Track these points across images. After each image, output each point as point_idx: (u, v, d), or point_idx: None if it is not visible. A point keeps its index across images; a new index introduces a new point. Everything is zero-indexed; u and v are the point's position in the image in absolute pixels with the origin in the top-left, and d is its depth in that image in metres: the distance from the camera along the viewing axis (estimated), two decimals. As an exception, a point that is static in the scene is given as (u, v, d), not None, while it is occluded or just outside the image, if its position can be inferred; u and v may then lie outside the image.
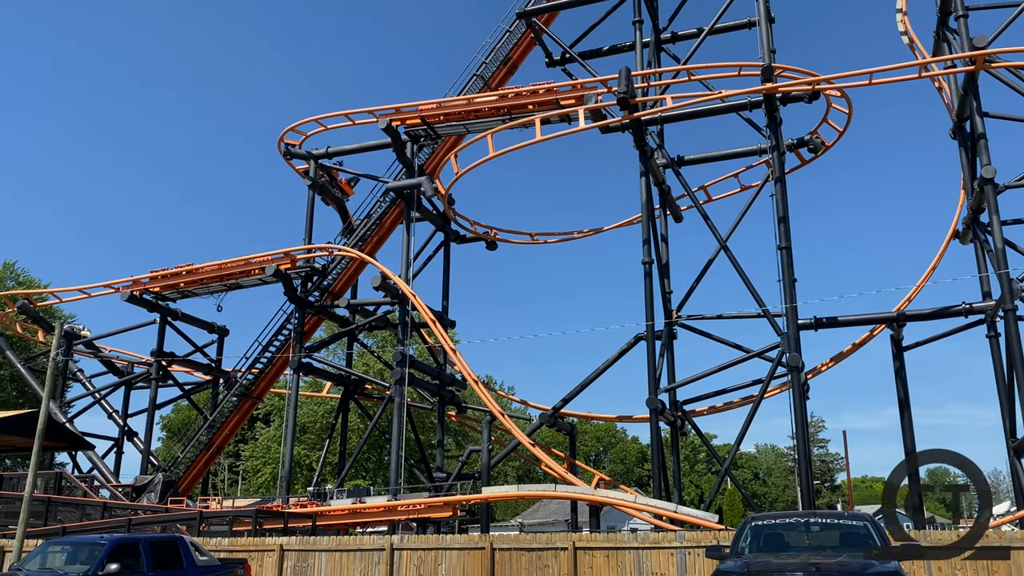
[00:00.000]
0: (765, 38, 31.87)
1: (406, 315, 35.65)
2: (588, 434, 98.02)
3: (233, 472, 78.50)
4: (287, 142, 40.63)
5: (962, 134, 32.91)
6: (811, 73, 31.24)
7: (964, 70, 28.85)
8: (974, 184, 30.06)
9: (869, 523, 11.25)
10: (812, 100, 32.71)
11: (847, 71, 30.42)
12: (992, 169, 27.33)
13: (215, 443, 40.83)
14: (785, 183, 30.72)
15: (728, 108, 33.23)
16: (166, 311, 42.22)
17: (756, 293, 30.22)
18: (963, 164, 33.53)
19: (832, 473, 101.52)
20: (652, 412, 29.98)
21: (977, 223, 31.49)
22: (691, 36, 38.65)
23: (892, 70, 29.58)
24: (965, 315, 30.84)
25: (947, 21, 33.33)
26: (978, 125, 28.42)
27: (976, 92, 28.74)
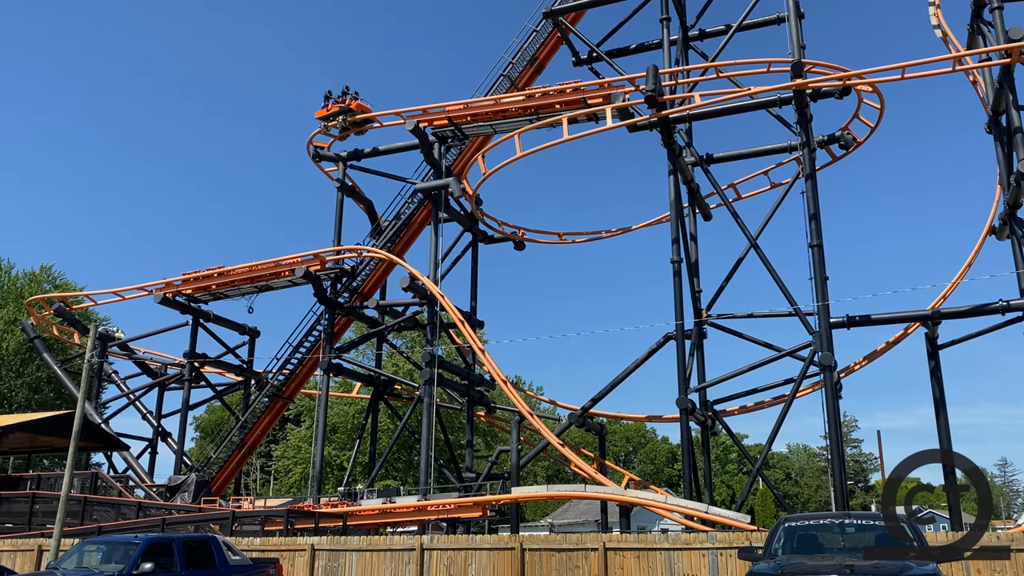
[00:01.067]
0: (795, 33, 31.50)
1: (435, 316, 35.75)
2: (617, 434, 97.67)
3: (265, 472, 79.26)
4: (316, 144, 40.93)
5: (998, 128, 32.27)
6: (842, 68, 30.83)
7: (999, 63, 28.30)
8: (1010, 179, 29.46)
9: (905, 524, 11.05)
10: (843, 96, 32.25)
11: (878, 66, 29.96)
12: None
13: (247, 443, 41.23)
14: (816, 180, 30.36)
15: (757, 105, 32.90)
16: (198, 313, 42.70)
17: (787, 291, 29.90)
18: (999, 159, 32.86)
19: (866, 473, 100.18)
20: (682, 412, 29.76)
21: (1014, 219, 30.83)
22: (719, 33, 38.32)
23: (925, 64, 29.11)
24: (1002, 313, 30.19)
25: (981, 13, 32.70)
26: (1014, 119, 27.86)
27: (1012, 85, 28.18)
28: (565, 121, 32.72)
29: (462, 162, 39.83)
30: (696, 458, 34.48)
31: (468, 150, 39.85)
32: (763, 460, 30.64)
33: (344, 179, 40.60)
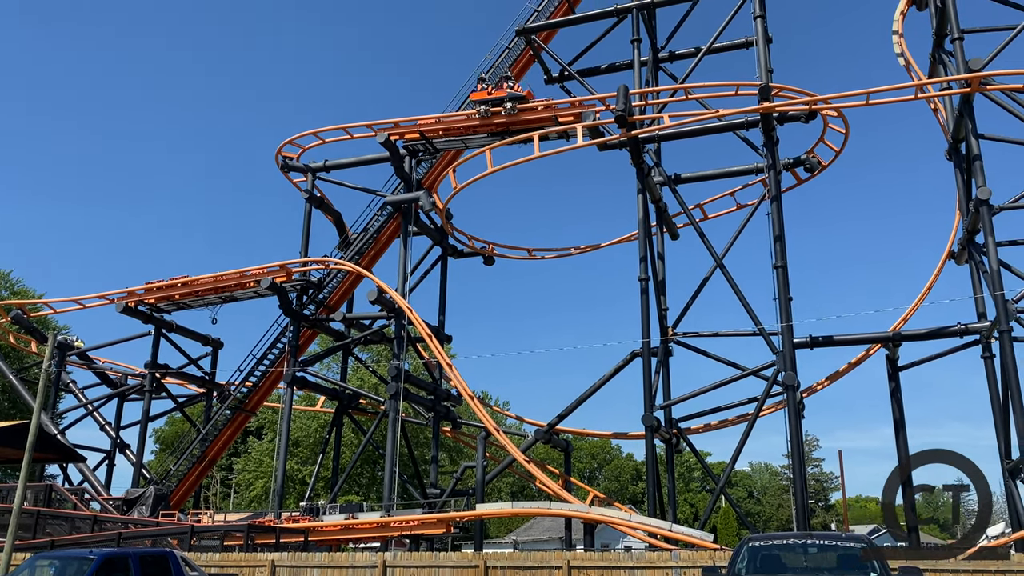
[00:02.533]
0: (762, 58, 32.04)
1: (402, 329, 35.59)
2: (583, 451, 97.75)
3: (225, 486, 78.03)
4: (285, 155, 40.69)
5: (958, 155, 33.08)
6: (808, 93, 31.38)
7: (960, 92, 29.03)
8: (969, 205, 30.18)
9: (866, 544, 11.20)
10: (809, 120, 32.83)
11: (844, 91, 30.58)
12: (987, 190, 27.44)
13: (208, 456, 40.57)
14: (781, 202, 30.82)
15: (725, 127, 33.38)
16: (161, 323, 42.07)
17: (752, 311, 30.24)
18: (958, 185, 33.68)
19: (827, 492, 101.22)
20: (648, 429, 29.90)
21: (972, 244, 31.57)
22: (689, 55, 38.84)
23: (889, 91, 29.77)
24: (960, 336, 30.86)
25: (943, 43, 33.59)
26: (973, 147, 28.55)
27: (971, 114, 28.90)
28: (536, 138, 32.93)
29: (433, 176, 39.82)
30: (660, 476, 34.62)
31: (439, 164, 39.86)
32: (726, 478, 30.86)
33: (313, 190, 40.37)
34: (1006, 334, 26.16)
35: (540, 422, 38.93)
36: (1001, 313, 26.29)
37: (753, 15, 33.11)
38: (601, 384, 33.11)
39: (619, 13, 36.68)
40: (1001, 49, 29.01)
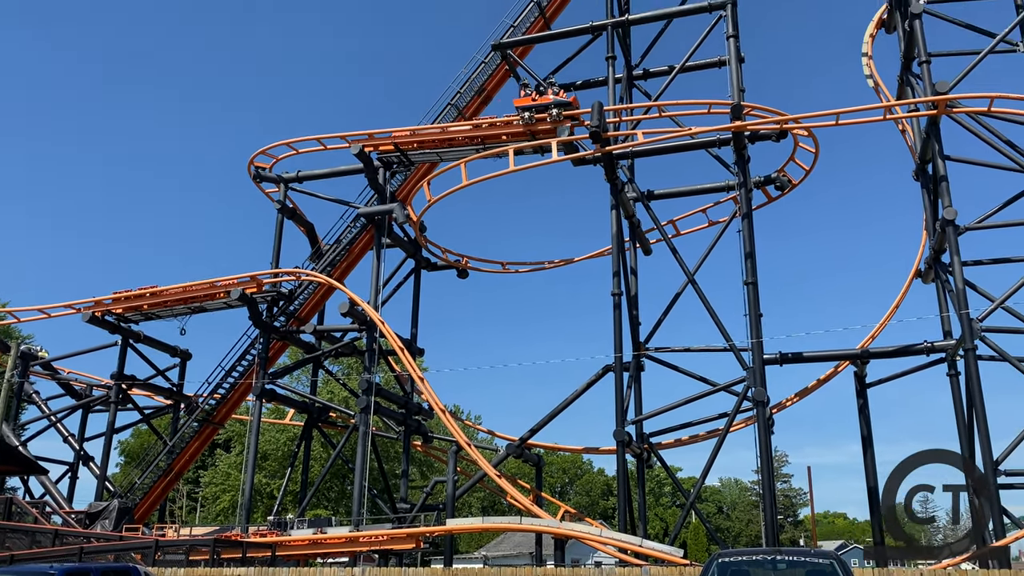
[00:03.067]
0: (735, 77, 32.43)
1: (374, 342, 35.36)
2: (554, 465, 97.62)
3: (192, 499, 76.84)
4: (257, 165, 40.42)
5: (924, 176, 33.66)
6: (779, 112, 31.80)
7: (927, 114, 29.59)
8: (936, 225, 30.70)
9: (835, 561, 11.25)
10: (780, 139, 33.25)
11: (814, 111, 31.02)
12: (953, 211, 27.92)
13: (174, 469, 39.93)
14: (752, 219, 31.14)
15: (697, 144, 33.70)
16: (128, 333, 41.44)
17: (723, 327, 30.44)
18: (925, 205, 34.25)
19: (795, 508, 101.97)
20: (619, 444, 29.93)
21: (939, 263, 32.10)
22: (663, 73, 39.23)
23: (858, 111, 30.28)
24: (927, 354, 31.28)
25: (911, 66, 34.24)
26: (940, 168, 29.06)
27: (938, 135, 29.45)
28: (511, 152, 33.03)
29: (407, 188, 39.73)
30: (631, 491, 34.65)
31: (413, 177, 39.79)
32: (696, 494, 30.97)
33: (285, 201, 40.10)
34: (971, 352, 26.56)
35: (512, 436, 38.85)
36: (966, 332, 26.70)
37: (726, 35, 33.55)
38: (573, 399, 33.11)
39: (594, 30, 36.97)
40: (966, 73, 29.63)
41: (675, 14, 36.90)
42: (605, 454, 42.24)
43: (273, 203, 40.44)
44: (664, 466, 36.24)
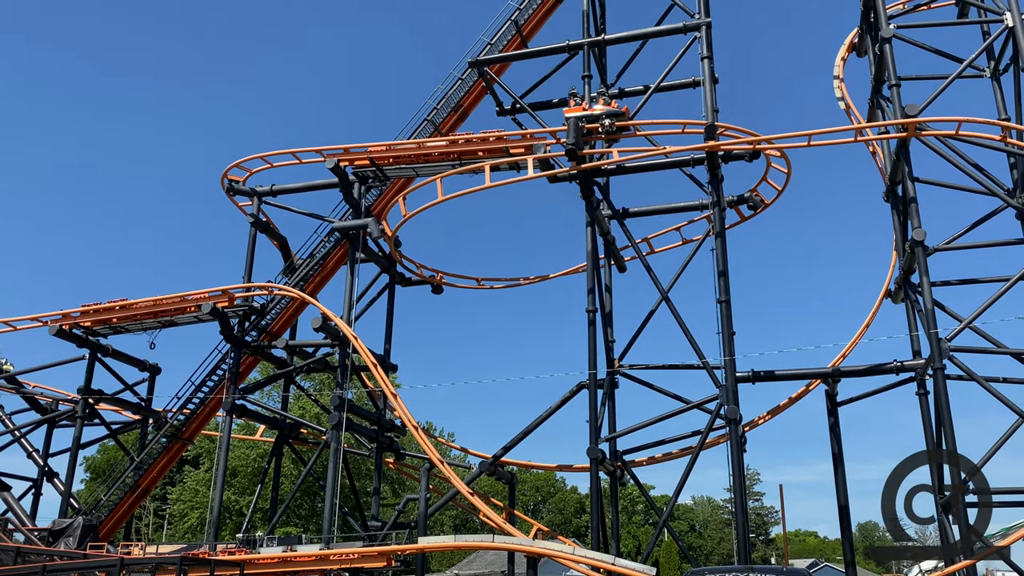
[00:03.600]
0: (709, 98, 32.75)
1: (346, 358, 35.06)
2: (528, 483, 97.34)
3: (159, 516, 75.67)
4: (231, 178, 40.10)
5: (894, 197, 34.17)
6: (752, 133, 32.14)
7: (896, 136, 30.05)
8: (905, 246, 31.12)
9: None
10: (753, 159, 33.60)
11: (787, 132, 31.40)
12: (922, 232, 28.30)
13: (141, 486, 39.24)
14: (725, 238, 31.37)
15: (672, 164, 33.97)
16: (96, 347, 40.76)
17: (696, 345, 30.55)
18: (895, 226, 34.76)
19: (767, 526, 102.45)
20: (592, 462, 29.87)
21: (908, 283, 32.51)
22: (638, 93, 39.49)
23: (829, 133, 30.70)
24: (896, 373, 31.60)
25: (881, 89, 34.85)
26: (909, 189, 29.48)
27: (908, 158, 29.89)
28: (487, 168, 33.07)
29: (382, 203, 39.59)
30: (604, 509, 34.56)
31: (389, 191, 39.66)
32: (669, 512, 30.95)
33: (258, 215, 39.80)
34: (940, 372, 26.86)
35: (485, 454, 38.67)
36: (935, 351, 27.02)
37: (700, 56, 33.89)
38: (547, 416, 33.03)
39: (571, 49, 37.21)
40: (935, 97, 30.16)
41: (650, 35, 37.24)
42: (579, 472, 42.13)
43: (246, 217, 40.11)
44: (637, 484, 36.26)
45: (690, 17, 35.13)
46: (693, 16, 35.02)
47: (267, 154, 39.06)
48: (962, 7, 35.81)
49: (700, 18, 34.66)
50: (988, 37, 33.26)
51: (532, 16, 39.41)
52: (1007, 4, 31.19)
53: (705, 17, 34.62)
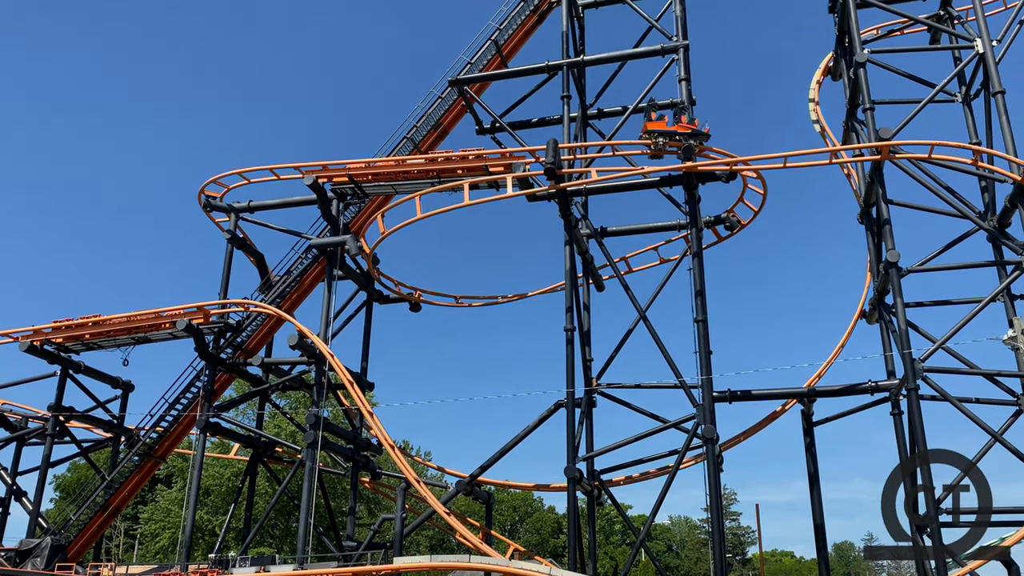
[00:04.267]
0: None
1: (322, 375, 34.77)
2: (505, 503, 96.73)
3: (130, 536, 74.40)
4: (208, 194, 39.83)
5: (869, 219, 34.58)
6: (729, 154, 32.42)
7: (871, 159, 30.45)
8: (880, 267, 31.45)
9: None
10: (729, 180, 33.87)
11: (763, 154, 31.73)
12: (896, 253, 28.63)
13: (112, 505, 38.56)
14: (702, 258, 31.56)
15: (649, 184, 34.18)
16: (68, 363, 40.17)
17: (673, 364, 30.60)
18: (870, 247, 35.15)
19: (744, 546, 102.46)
20: (570, 481, 29.76)
21: (882, 304, 32.84)
22: (616, 114, 39.87)
23: (805, 155, 31.06)
24: (871, 393, 31.85)
25: (856, 113, 35.38)
26: (883, 211, 29.83)
27: (882, 180, 30.27)
28: (467, 186, 33.10)
29: (361, 220, 39.48)
30: (581, 529, 34.41)
31: (367, 209, 39.58)
32: (646, 532, 30.85)
33: (235, 231, 39.51)
34: (913, 392, 27.10)
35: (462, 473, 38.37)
36: (909, 371, 27.26)
37: (678, 78, 34.30)
38: (525, 435, 32.91)
39: (550, 69, 37.49)
40: (908, 120, 30.65)
41: (629, 56, 37.65)
42: (556, 491, 42.00)
43: (223, 233, 39.81)
44: (614, 503, 36.18)
45: (668, 40, 35.55)
46: (671, 39, 35.44)
47: (245, 170, 38.86)
48: (934, 33, 36.51)
49: (678, 41, 35.08)
50: (960, 63, 33.84)
51: (512, 37, 39.74)
52: (977, 31, 31.83)
53: (683, 40, 35.05)
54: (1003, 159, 29.25)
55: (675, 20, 35.91)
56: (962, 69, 34.06)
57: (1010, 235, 30.49)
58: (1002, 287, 29.45)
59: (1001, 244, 30.81)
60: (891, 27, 39.12)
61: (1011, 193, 29.36)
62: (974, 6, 32.44)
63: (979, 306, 28.59)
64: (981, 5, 32.36)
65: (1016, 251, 29.38)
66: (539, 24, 40.56)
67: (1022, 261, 28.69)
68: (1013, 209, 29.57)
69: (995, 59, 31.11)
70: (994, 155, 29.78)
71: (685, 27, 35.71)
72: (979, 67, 32.51)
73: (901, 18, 37.21)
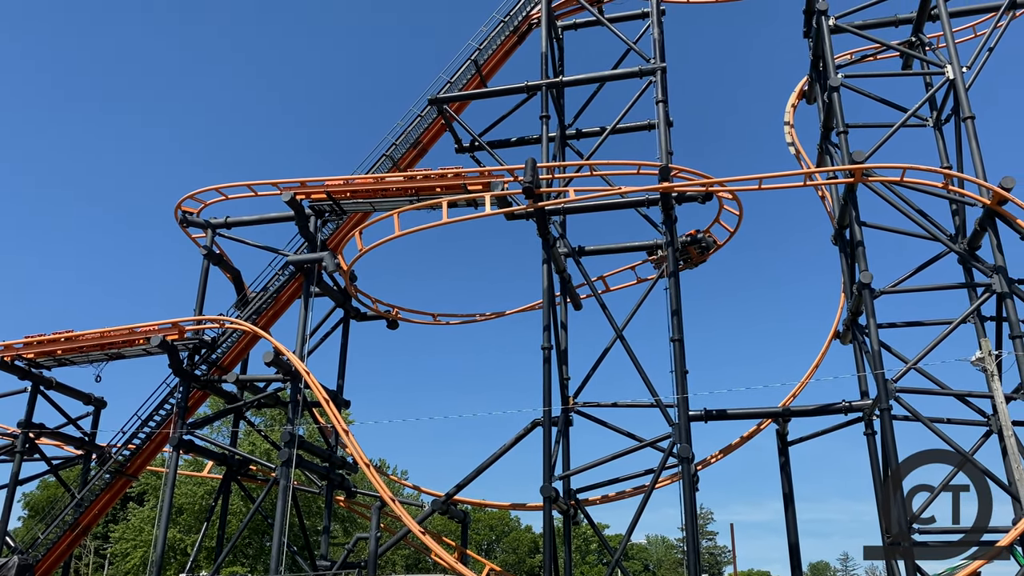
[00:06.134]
0: (663, 140, 33.40)
1: (298, 393, 34.53)
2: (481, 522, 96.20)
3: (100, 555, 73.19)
4: (184, 209, 39.61)
5: (842, 240, 34.99)
6: (705, 176, 32.74)
7: (844, 181, 30.86)
8: (853, 288, 31.79)
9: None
10: (705, 201, 34.20)
11: (739, 175, 32.06)
12: (869, 275, 28.95)
13: (82, 523, 37.95)
14: (679, 278, 31.73)
15: (627, 203, 34.42)
16: (39, 379, 39.64)
17: (649, 383, 30.66)
18: (843, 269, 35.53)
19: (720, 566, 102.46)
20: (546, 500, 29.65)
21: (856, 325, 33.15)
22: (595, 134, 40.16)
23: (780, 177, 31.41)
24: (845, 413, 32.05)
25: (830, 136, 35.86)
26: (857, 233, 30.18)
27: (855, 202, 30.65)
28: (445, 204, 33.13)
29: (338, 237, 39.39)
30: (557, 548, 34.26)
31: (345, 226, 39.49)
32: (622, 551, 30.77)
33: (212, 247, 39.28)
34: (886, 412, 27.32)
35: (438, 492, 38.19)
36: (882, 392, 27.50)
37: (655, 100, 34.61)
38: (501, 453, 32.79)
39: (529, 90, 37.75)
40: (881, 144, 31.05)
41: (607, 78, 38.01)
42: (532, 510, 41.93)
43: (199, 249, 39.56)
44: (591, 523, 36.04)
45: (646, 62, 35.91)
46: (649, 61, 35.80)
47: (222, 186, 38.73)
48: (906, 59, 37.15)
49: (655, 63, 35.45)
50: (931, 89, 34.44)
51: (492, 57, 40.01)
52: (948, 58, 32.45)
53: (660, 62, 35.43)
54: (973, 183, 29.71)
55: (653, 43, 36.30)
56: (933, 94, 34.65)
57: (980, 257, 30.91)
58: (972, 309, 29.85)
59: (971, 266, 31.23)
60: (864, 52, 39.77)
61: (981, 216, 29.82)
62: (945, 33, 33.05)
63: (950, 327, 28.91)
64: (951, 32, 32.99)
65: (986, 273, 29.78)
66: (519, 45, 40.90)
67: (992, 283, 29.07)
68: (983, 232, 30.01)
69: (965, 85, 31.68)
70: (964, 179, 30.24)
71: (663, 50, 36.11)
72: (949, 93, 33.07)
73: (874, 44, 37.84)
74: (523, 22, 40.07)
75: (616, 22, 40.15)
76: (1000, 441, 27.62)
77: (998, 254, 29.04)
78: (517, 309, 45.87)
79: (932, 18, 35.15)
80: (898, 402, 27.91)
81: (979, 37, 36.80)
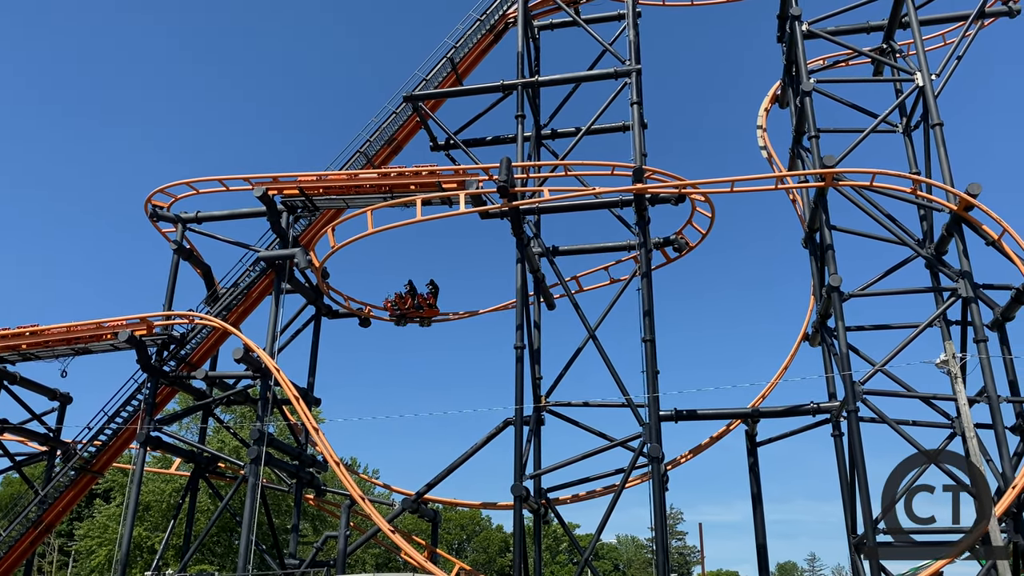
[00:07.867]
0: (637, 142, 33.55)
1: (268, 390, 34.23)
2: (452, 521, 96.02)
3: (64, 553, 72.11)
4: (155, 203, 39.10)
5: (812, 244, 35.37)
6: (678, 178, 32.94)
7: (815, 185, 31.18)
8: (822, 291, 32.14)
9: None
10: (678, 203, 34.40)
11: (711, 178, 32.30)
12: (838, 278, 29.29)
13: (45, 521, 37.31)
14: (651, 279, 31.91)
15: (601, 204, 34.53)
16: (2, 374, 38.94)
17: (621, 383, 30.80)
18: (813, 272, 35.95)
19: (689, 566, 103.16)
20: (516, 499, 29.68)
21: (825, 327, 33.52)
22: (570, 134, 40.30)
23: (752, 180, 31.72)
24: (813, 414, 32.42)
25: (801, 140, 36.24)
26: (827, 237, 30.52)
27: (825, 206, 30.99)
28: (419, 202, 33.04)
29: (311, 234, 39.10)
30: (528, 547, 34.33)
31: (318, 222, 39.23)
32: (591, 550, 30.88)
33: (182, 242, 38.81)
34: (853, 414, 27.66)
35: (409, 491, 38.07)
36: (849, 394, 27.84)
37: (630, 101, 34.76)
38: (473, 452, 32.79)
39: (505, 89, 37.76)
40: (851, 149, 31.43)
41: (583, 79, 38.10)
42: (503, 509, 41.93)
43: (169, 243, 39.05)
44: (561, 522, 36.11)
45: (621, 63, 36.05)
46: (624, 62, 35.95)
47: (193, 180, 38.25)
48: (877, 66, 37.62)
49: (631, 65, 35.61)
50: (901, 95, 34.91)
51: (468, 55, 39.96)
52: (918, 65, 32.90)
53: (636, 64, 35.59)
54: (941, 189, 30.16)
55: (628, 45, 36.46)
56: (903, 101, 35.12)
57: (947, 262, 31.36)
58: (938, 313, 30.29)
59: (938, 271, 31.69)
60: (837, 58, 40.18)
61: (948, 222, 30.25)
62: (915, 41, 33.49)
63: (916, 331, 29.32)
64: (921, 40, 33.44)
65: (952, 278, 30.22)
66: (495, 43, 40.88)
67: (958, 288, 29.52)
68: (950, 237, 30.46)
69: (934, 92, 32.13)
70: (932, 185, 30.69)
71: (638, 52, 36.27)
72: (919, 99, 33.53)
73: (846, 50, 38.24)
74: (500, 21, 40.06)
75: (592, 23, 40.29)
76: (963, 443, 28.07)
77: (964, 259, 29.47)
78: (490, 308, 45.82)
79: (903, 26, 35.60)
80: (865, 404, 28.26)
81: (948, 45, 37.40)
